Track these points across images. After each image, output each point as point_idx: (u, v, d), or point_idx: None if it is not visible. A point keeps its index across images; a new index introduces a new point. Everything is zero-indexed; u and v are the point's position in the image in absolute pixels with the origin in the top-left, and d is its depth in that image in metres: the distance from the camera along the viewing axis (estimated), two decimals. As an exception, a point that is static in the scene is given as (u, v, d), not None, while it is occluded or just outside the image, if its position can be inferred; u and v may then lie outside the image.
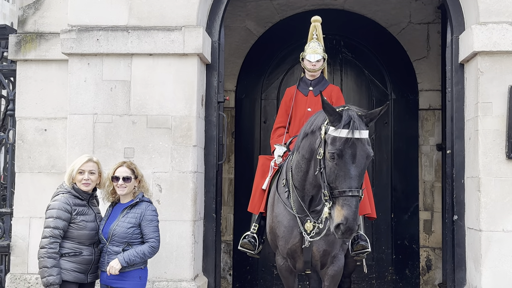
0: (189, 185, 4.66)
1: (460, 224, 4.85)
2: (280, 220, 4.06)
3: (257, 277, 6.93)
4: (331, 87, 4.85)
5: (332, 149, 3.39)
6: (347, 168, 3.36)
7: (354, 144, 3.37)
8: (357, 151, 3.37)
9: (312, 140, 3.68)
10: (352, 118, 3.41)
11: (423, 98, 6.95)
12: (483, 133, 4.58)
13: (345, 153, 3.36)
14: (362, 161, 3.39)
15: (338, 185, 3.37)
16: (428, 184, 6.91)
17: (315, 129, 3.67)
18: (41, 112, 4.99)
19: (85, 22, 4.79)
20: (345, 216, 3.28)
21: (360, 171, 3.39)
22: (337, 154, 3.36)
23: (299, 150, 3.87)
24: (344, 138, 3.37)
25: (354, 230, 3.30)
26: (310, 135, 3.72)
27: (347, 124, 3.39)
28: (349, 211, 3.28)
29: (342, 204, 3.31)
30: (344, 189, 3.33)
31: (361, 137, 3.39)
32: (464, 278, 4.82)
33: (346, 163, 3.36)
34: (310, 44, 4.74)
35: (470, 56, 4.74)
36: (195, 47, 4.70)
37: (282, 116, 4.82)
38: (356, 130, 3.38)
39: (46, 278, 3.68)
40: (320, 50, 4.71)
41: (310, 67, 4.69)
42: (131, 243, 3.82)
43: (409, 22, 6.97)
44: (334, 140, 3.40)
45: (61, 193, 3.84)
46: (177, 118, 4.71)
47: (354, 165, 3.36)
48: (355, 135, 3.37)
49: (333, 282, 4.13)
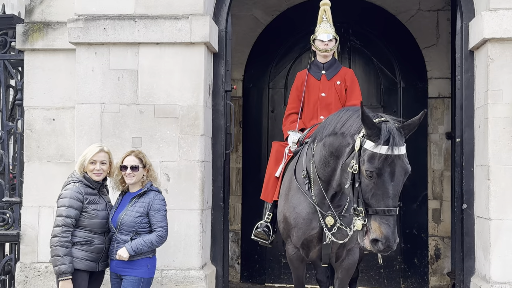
0: (196, 174, 4.67)
1: (469, 213, 4.82)
2: (298, 211, 3.95)
3: (265, 266, 6.95)
4: (345, 70, 4.73)
5: (371, 167, 3.17)
6: (386, 187, 3.18)
7: (393, 162, 3.17)
8: (396, 168, 3.18)
9: (343, 143, 3.48)
10: (392, 133, 3.19)
11: (432, 86, 6.89)
12: (493, 121, 4.53)
13: (384, 171, 3.16)
14: (400, 179, 3.22)
15: (375, 204, 3.19)
16: (437, 173, 6.87)
17: (346, 133, 3.45)
18: (49, 101, 5.00)
19: (92, 11, 4.78)
20: (384, 235, 3.13)
21: (398, 189, 3.23)
22: (376, 173, 3.17)
23: (325, 145, 3.67)
24: (384, 155, 3.16)
25: (393, 248, 3.19)
26: (340, 136, 3.52)
27: (386, 140, 3.16)
28: (388, 230, 3.14)
29: (380, 222, 3.16)
30: (381, 207, 3.17)
31: (400, 153, 3.19)
32: (473, 267, 4.80)
33: (385, 182, 3.18)
34: (321, 25, 4.64)
35: (480, 43, 4.68)
36: (202, 35, 4.68)
37: (294, 102, 4.70)
38: (396, 146, 3.17)
39: (59, 267, 3.71)
40: (332, 30, 4.60)
41: (323, 47, 4.57)
42: (139, 232, 3.83)
43: (418, 9, 6.89)
44: (373, 158, 3.18)
45: (73, 182, 3.86)
46: (185, 107, 4.70)
47: (392, 183, 3.18)
48: (395, 152, 3.17)
49: (347, 274, 4.11)
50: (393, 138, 3.17)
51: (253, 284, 6.90)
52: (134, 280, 3.80)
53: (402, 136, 3.26)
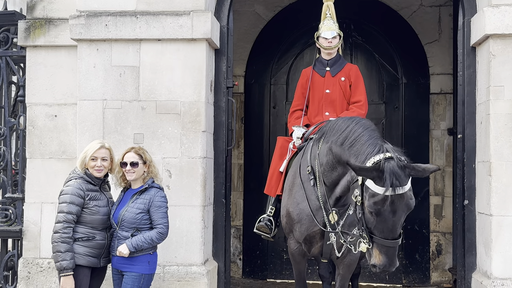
0: (198, 171, 4.67)
1: (470, 209, 4.82)
2: (302, 207, 3.96)
3: (267, 261, 6.96)
4: (349, 66, 4.73)
5: (371, 206, 3.17)
6: (387, 222, 3.19)
7: (395, 200, 3.13)
8: (397, 206, 3.16)
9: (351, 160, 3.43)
10: (393, 175, 3.12)
11: (434, 82, 6.88)
12: (494, 117, 4.53)
13: (385, 210, 3.15)
14: (402, 214, 3.20)
15: (377, 233, 3.21)
16: (439, 169, 6.86)
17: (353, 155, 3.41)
18: (51, 98, 5.01)
19: (94, 8, 4.78)
20: (382, 263, 3.20)
21: (400, 222, 3.23)
22: (375, 213, 3.18)
23: (332, 150, 3.64)
24: (385, 196, 3.12)
25: (390, 271, 3.26)
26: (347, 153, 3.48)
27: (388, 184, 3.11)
28: (385, 259, 3.19)
29: (380, 251, 3.21)
30: (382, 238, 3.20)
31: (403, 191, 3.15)
32: (474, 263, 4.81)
33: (386, 219, 3.18)
34: (325, 22, 4.64)
35: (482, 39, 4.67)
36: (204, 32, 4.67)
37: (299, 99, 4.71)
38: (398, 187, 3.12)
39: (60, 263, 3.73)
40: (335, 27, 4.61)
41: (326, 44, 4.58)
42: (140, 228, 3.84)
43: (420, 5, 6.88)
44: (374, 197, 3.15)
45: (74, 178, 3.88)
46: (186, 104, 4.71)
47: (393, 219, 3.18)
48: (397, 192, 3.13)
49: (348, 271, 4.12)
50: (395, 180, 3.11)
51: (254, 280, 6.92)
52: (135, 276, 3.81)
53: (406, 175, 3.17)
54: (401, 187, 3.13)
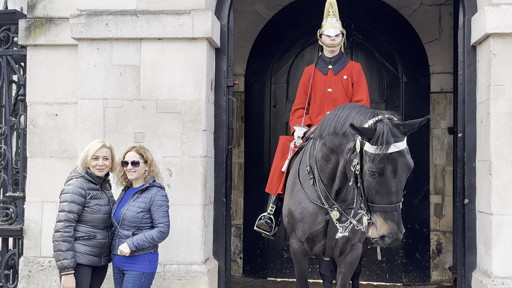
0: (199, 170, 4.68)
1: (471, 208, 4.83)
2: (304, 206, 3.98)
3: (267, 260, 6.97)
4: (352, 64, 4.72)
5: (372, 167, 3.21)
6: (388, 184, 3.21)
7: (395, 159, 3.20)
8: (398, 165, 3.21)
9: (344, 141, 3.52)
10: (387, 132, 3.21)
11: (434, 81, 6.88)
12: (495, 116, 4.53)
13: (386, 170, 3.19)
14: (403, 174, 3.24)
15: (379, 201, 3.24)
16: (439, 168, 6.88)
17: (347, 133, 3.49)
18: (52, 97, 5.02)
19: (94, 7, 4.79)
20: (390, 231, 3.19)
21: (402, 185, 3.26)
22: (378, 173, 3.20)
23: (326, 143, 3.72)
24: (384, 155, 3.18)
25: (399, 239, 3.24)
26: (341, 136, 3.56)
27: (384, 141, 3.19)
28: (393, 224, 3.19)
29: (385, 218, 3.21)
30: (385, 204, 3.21)
31: (400, 148, 3.22)
32: (474, 262, 4.81)
33: (387, 180, 3.20)
34: (328, 19, 4.62)
35: (482, 38, 4.67)
36: (204, 31, 4.68)
37: (301, 97, 4.71)
38: (394, 143, 3.19)
39: (61, 262, 3.74)
40: (338, 25, 4.59)
41: (329, 42, 4.56)
42: (141, 227, 3.85)
43: (420, 4, 6.88)
44: (374, 158, 3.21)
45: (75, 177, 3.88)
46: (187, 103, 4.71)
47: (395, 180, 3.21)
48: (394, 149, 3.19)
49: (350, 269, 4.13)
50: (390, 137, 3.20)
51: (255, 279, 6.93)
52: (136, 275, 3.82)
53: (400, 132, 3.27)
54: (397, 144, 3.21)
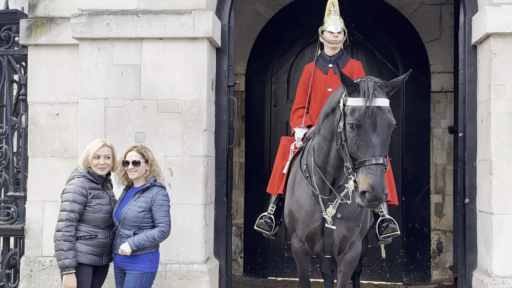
0: (200, 169, 4.69)
1: (471, 207, 4.83)
2: (301, 204, 4.01)
3: (268, 259, 6.98)
4: (352, 62, 4.72)
5: (352, 119, 3.31)
6: (368, 137, 3.26)
7: (374, 113, 3.28)
8: (377, 119, 3.28)
9: (333, 119, 3.60)
10: (369, 87, 3.33)
11: (435, 80, 6.89)
12: (495, 115, 4.54)
13: (365, 122, 3.27)
14: (383, 130, 3.29)
15: (361, 155, 3.25)
16: (439, 167, 6.88)
17: (334, 105, 3.59)
18: (53, 96, 5.02)
19: (95, 6, 4.79)
20: (370, 185, 3.15)
21: (383, 140, 3.29)
22: (356, 125, 3.28)
23: (320, 131, 3.80)
24: (363, 106, 3.28)
25: (381, 199, 3.17)
26: (330, 115, 3.64)
27: (365, 93, 3.31)
28: (374, 179, 3.16)
29: (366, 173, 3.19)
30: (366, 158, 3.22)
31: (381, 105, 3.31)
32: (475, 261, 4.82)
33: (367, 132, 3.26)
34: (330, 17, 4.62)
35: (483, 38, 4.67)
36: (205, 30, 4.68)
37: (301, 96, 4.70)
38: (375, 98, 3.29)
39: (62, 261, 3.74)
40: (340, 22, 4.59)
41: (332, 38, 4.55)
42: (142, 227, 3.86)
43: (421, 3, 6.88)
44: (353, 111, 3.32)
45: (76, 177, 3.89)
46: (188, 103, 4.72)
47: (375, 134, 3.26)
48: (374, 103, 3.28)
49: (350, 268, 4.13)
50: (372, 90, 3.31)
51: (256, 278, 6.93)
52: (137, 274, 3.83)
53: (383, 91, 3.39)
54: (379, 99, 3.31)
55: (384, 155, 3.28)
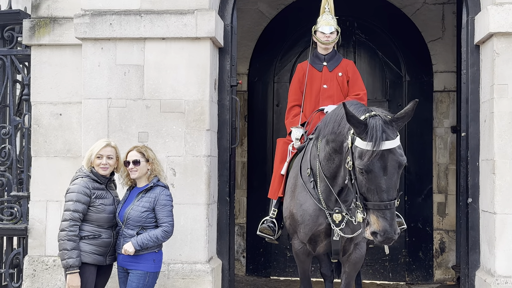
0: (202, 169, 4.69)
1: (474, 207, 4.83)
2: (305, 208, 3.96)
3: (271, 259, 6.98)
4: (346, 62, 4.73)
5: (360, 164, 3.17)
6: (378, 181, 3.15)
7: (384, 156, 3.14)
8: (387, 162, 3.15)
9: (341, 140, 3.48)
10: (378, 128, 3.16)
11: (438, 79, 6.88)
12: (498, 115, 4.53)
13: (374, 167, 3.14)
14: (394, 172, 3.18)
15: (371, 198, 3.18)
16: (442, 167, 6.88)
17: (343, 132, 3.47)
18: (56, 96, 5.03)
19: (98, 7, 4.80)
20: (382, 229, 3.13)
21: (393, 182, 3.19)
22: (365, 170, 3.15)
23: (328, 142, 3.68)
24: (371, 151, 3.13)
25: (393, 239, 3.16)
26: (339, 134, 3.53)
27: (373, 137, 3.14)
28: (385, 223, 3.12)
29: (377, 216, 3.15)
30: (377, 202, 3.16)
31: (391, 146, 3.17)
32: (478, 261, 4.82)
33: (377, 177, 3.15)
34: (323, 16, 4.62)
35: (486, 37, 4.67)
36: (208, 30, 4.68)
37: (296, 94, 4.69)
38: (384, 141, 3.14)
39: (66, 261, 3.75)
40: (333, 22, 4.59)
41: (324, 39, 4.56)
42: (145, 226, 3.87)
43: (424, 3, 6.87)
44: (361, 154, 3.18)
45: (80, 177, 3.90)
46: (190, 102, 4.72)
47: (385, 178, 3.15)
48: (383, 147, 3.14)
49: (354, 269, 4.12)
50: (381, 133, 3.15)
51: (258, 277, 6.94)
52: (140, 274, 3.84)
53: (393, 129, 3.24)
54: (389, 141, 3.16)
55: (394, 197, 3.21)
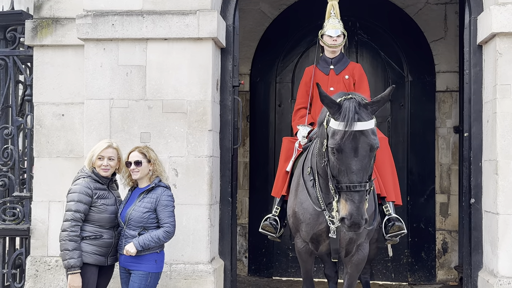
0: (204, 169, 4.69)
1: (477, 207, 4.82)
2: (305, 207, 3.98)
3: (273, 259, 6.98)
4: (353, 65, 4.75)
5: (332, 143, 3.24)
6: (349, 162, 3.20)
7: (355, 137, 3.19)
8: (358, 144, 3.20)
9: (322, 129, 3.56)
10: (350, 110, 3.22)
11: (440, 79, 6.87)
12: (501, 115, 4.52)
13: (345, 147, 3.20)
14: (365, 154, 3.21)
15: (341, 180, 3.24)
16: (444, 167, 6.86)
17: (323, 121, 3.54)
18: (58, 97, 5.03)
19: (100, 7, 4.80)
20: (349, 212, 3.18)
21: (364, 164, 3.23)
22: (336, 149, 3.22)
23: (318, 136, 3.76)
24: (343, 131, 3.19)
25: (360, 224, 3.18)
26: (321, 124, 3.60)
27: (345, 117, 3.20)
28: (352, 206, 3.17)
29: (345, 199, 3.20)
30: (346, 183, 3.20)
31: (363, 128, 3.21)
32: (480, 261, 4.81)
33: (347, 158, 3.20)
34: (329, 20, 4.65)
35: (488, 38, 4.66)
36: (210, 31, 4.68)
37: (303, 97, 4.72)
38: (356, 122, 3.19)
39: (67, 261, 3.76)
40: (340, 26, 4.62)
41: (331, 42, 4.58)
42: (147, 227, 3.87)
43: (426, 3, 6.86)
44: (334, 134, 3.25)
45: (82, 177, 3.91)
46: (192, 103, 4.72)
47: (356, 159, 3.20)
48: (355, 128, 3.19)
49: (357, 270, 4.11)
50: (353, 114, 3.20)
51: (260, 278, 6.93)
52: (142, 274, 3.84)
53: (368, 112, 3.28)
54: (361, 122, 3.20)
55: (365, 180, 3.23)
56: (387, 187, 4.28)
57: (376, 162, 4.25)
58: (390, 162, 4.43)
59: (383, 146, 4.35)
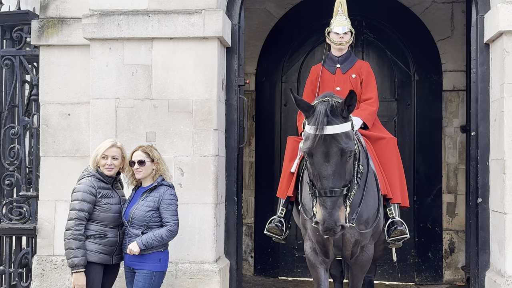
0: (210, 169, 4.69)
1: (484, 207, 4.79)
2: (308, 209, 3.90)
3: (278, 259, 6.97)
4: (360, 63, 4.65)
5: (304, 147, 3.23)
6: (319, 167, 3.17)
7: (326, 141, 3.14)
8: (329, 148, 3.14)
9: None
10: (321, 113, 3.17)
11: (447, 79, 6.83)
12: (508, 114, 4.49)
13: (315, 151, 3.16)
14: (336, 158, 3.15)
15: (315, 184, 3.22)
16: (451, 167, 6.83)
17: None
18: (65, 96, 5.05)
19: (106, 7, 4.81)
20: (322, 217, 3.16)
21: (337, 170, 3.17)
22: (307, 154, 3.19)
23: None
24: (313, 135, 3.15)
25: (335, 230, 3.14)
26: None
27: (316, 120, 3.16)
28: (324, 212, 3.14)
29: (320, 204, 3.17)
30: (319, 189, 3.18)
31: (333, 132, 3.16)
32: (488, 261, 4.78)
33: (319, 163, 3.17)
34: (337, 17, 4.58)
35: (495, 36, 4.63)
36: (215, 30, 4.68)
37: (309, 97, 4.63)
38: (326, 125, 3.14)
39: (72, 260, 3.77)
40: (347, 23, 4.54)
41: (338, 39, 4.51)
42: (150, 226, 3.87)
43: (432, 1, 6.83)
44: (307, 138, 3.22)
45: (86, 176, 3.92)
46: (198, 102, 4.72)
47: (327, 164, 3.15)
48: (325, 131, 3.13)
49: (362, 271, 4.09)
50: (323, 117, 3.15)
51: (266, 278, 6.92)
52: (146, 273, 3.84)
53: (337, 114, 3.22)
54: (331, 126, 3.15)
55: (339, 186, 3.16)
56: (394, 188, 4.21)
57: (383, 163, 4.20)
58: (398, 163, 4.36)
59: (391, 147, 4.32)
